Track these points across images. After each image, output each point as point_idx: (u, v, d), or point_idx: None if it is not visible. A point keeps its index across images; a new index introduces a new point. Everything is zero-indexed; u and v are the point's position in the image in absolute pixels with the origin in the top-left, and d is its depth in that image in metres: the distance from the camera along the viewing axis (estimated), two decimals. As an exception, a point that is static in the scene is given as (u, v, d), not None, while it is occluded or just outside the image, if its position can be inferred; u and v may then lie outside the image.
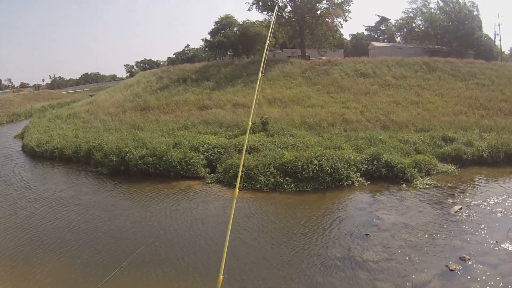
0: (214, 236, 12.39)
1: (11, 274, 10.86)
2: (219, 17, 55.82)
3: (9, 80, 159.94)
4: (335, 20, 48.62)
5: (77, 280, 10.29)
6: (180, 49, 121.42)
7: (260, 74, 5.71)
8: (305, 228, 12.64)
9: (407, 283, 9.02)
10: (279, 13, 49.42)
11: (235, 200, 4.87)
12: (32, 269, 11.04)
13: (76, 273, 10.69)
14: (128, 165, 20.61)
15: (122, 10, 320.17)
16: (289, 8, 49.55)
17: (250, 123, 5.51)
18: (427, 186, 16.01)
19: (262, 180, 16.62)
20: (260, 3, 49.11)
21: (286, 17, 50.21)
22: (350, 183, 16.31)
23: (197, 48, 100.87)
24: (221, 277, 3.99)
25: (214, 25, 55.78)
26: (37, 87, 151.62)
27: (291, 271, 10.03)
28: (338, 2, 48.12)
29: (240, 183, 14.32)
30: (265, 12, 50.54)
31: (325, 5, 48.73)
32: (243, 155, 6.87)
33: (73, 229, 14.07)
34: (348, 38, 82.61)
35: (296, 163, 16.74)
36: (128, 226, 13.93)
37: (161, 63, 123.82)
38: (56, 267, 11.03)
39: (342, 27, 48.80)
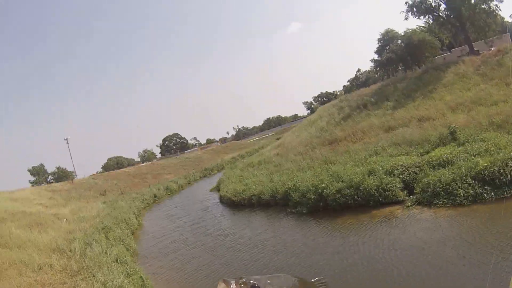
0: (417, 262, 12.34)
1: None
2: (380, 33, 56.59)
3: (195, 138, 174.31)
4: (491, 4, 45.03)
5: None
6: (352, 75, 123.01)
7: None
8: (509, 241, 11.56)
9: None
10: (436, 14, 48.17)
11: None
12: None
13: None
14: (326, 200, 21.31)
15: (288, 49, 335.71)
16: (443, 6, 47.90)
17: None
18: None
19: (461, 194, 16.29)
20: (415, 9, 48.43)
21: (444, 15, 48.62)
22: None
23: (368, 70, 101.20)
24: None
25: (378, 43, 56.57)
26: (223, 140, 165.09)
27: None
28: None
29: (442, 201, 15.41)
30: (422, 17, 49.69)
31: None
32: None
33: (272, 267, 15.24)
34: (510, 20, 73.99)
35: (492, 169, 16.08)
36: (329, 258, 14.64)
37: (338, 93, 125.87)
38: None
39: (500, 9, 44.52)
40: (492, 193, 15.76)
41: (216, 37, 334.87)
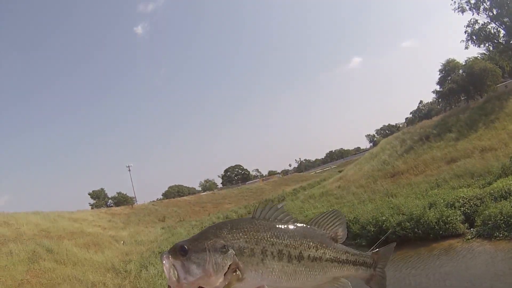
0: None
1: None
2: (441, 64, 56.20)
3: (257, 170, 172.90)
4: None
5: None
6: (415, 107, 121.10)
7: None
8: None
9: None
10: (496, 41, 47.47)
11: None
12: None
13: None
14: (386, 233, 21.25)
15: (349, 82, 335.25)
16: (503, 32, 47.23)
17: None
18: None
19: None
20: (474, 37, 48.10)
21: (503, 42, 47.77)
22: None
23: (430, 102, 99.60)
24: None
25: (440, 74, 56.22)
26: (285, 172, 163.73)
27: None
28: None
29: (502, 234, 15.44)
30: (482, 44, 49.10)
31: None
32: None
33: None
34: None
35: None
36: None
37: (400, 126, 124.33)
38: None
39: None
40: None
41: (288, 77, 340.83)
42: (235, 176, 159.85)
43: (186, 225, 51.06)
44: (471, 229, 18.90)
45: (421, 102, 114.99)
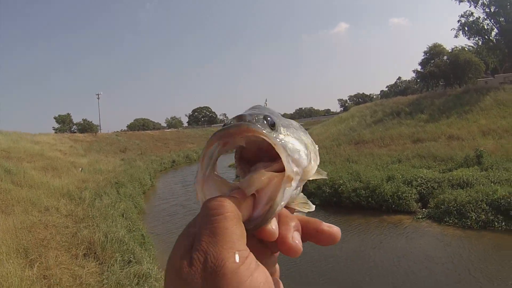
0: (418, 273, 12.60)
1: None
2: (428, 46, 56.11)
3: (224, 114, 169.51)
4: None
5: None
6: (392, 82, 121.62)
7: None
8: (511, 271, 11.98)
9: None
10: (487, 37, 47.56)
11: None
12: None
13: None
14: (341, 197, 21.78)
15: (332, 47, 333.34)
16: (495, 31, 47.18)
17: None
18: None
19: (473, 217, 16.42)
20: (466, 28, 48.03)
21: (494, 40, 47.82)
22: None
23: (409, 80, 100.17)
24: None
25: (424, 55, 56.14)
26: None
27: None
28: None
29: (452, 220, 15.84)
30: (472, 37, 49.13)
31: None
32: None
33: (283, 256, 16.12)
34: None
35: (509, 200, 16.16)
36: (338, 258, 14.49)
37: (374, 97, 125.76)
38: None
39: None
40: (503, 223, 15.91)
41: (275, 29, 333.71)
42: (202, 118, 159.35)
43: (146, 159, 50.45)
44: (423, 209, 19.35)
45: (399, 78, 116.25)
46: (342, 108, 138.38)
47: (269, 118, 0.82)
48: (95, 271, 10.94)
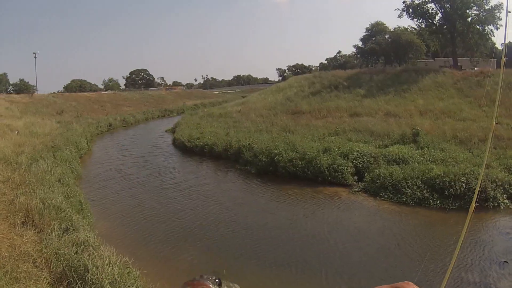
0: (347, 244, 12.72)
1: (154, 257, 12.39)
2: (370, 23, 56.54)
3: (162, 78, 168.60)
4: (486, 27, 45.56)
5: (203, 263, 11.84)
6: (332, 55, 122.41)
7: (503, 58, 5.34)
8: (442, 247, 12.08)
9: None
10: (430, 21, 48.29)
11: (469, 218, 4.83)
12: (174, 254, 12.62)
13: (209, 257, 12.22)
14: (277, 166, 21.45)
15: (273, 16, 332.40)
16: (439, 15, 47.96)
17: (493, 123, 5.35)
18: None
19: (409, 194, 16.37)
20: (411, 10, 48.36)
21: (437, 24, 48.67)
22: (496, 204, 15.12)
23: (349, 55, 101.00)
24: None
25: (366, 32, 56.53)
26: (189, 86, 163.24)
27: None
28: (489, 8, 44.58)
29: (388, 195, 15.52)
30: (415, 19, 49.71)
31: (475, 12, 45.66)
32: (484, 166, 7.34)
33: (220, 223, 15.19)
34: (500, 48, 75.08)
35: (444, 179, 16.16)
36: (271, 227, 14.60)
37: (313, 69, 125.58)
38: (194, 254, 12.51)
39: (493, 35, 45.15)
40: (438, 201, 15.83)
41: None
42: (140, 80, 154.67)
43: (83, 122, 47.98)
44: (359, 183, 19.17)
45: (339, 52, 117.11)
46: (280, 78, 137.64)
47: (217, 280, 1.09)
48: (34, 239, 10.35)
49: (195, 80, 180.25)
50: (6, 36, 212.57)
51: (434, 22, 48.53)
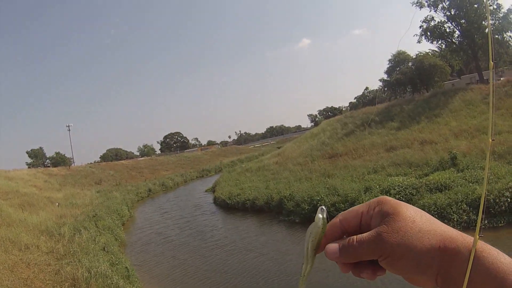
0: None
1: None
2: (392, 54, 56.69)
3: (196, 139, 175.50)
4: (504, 35, 45.09)
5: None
6: (360, 93, 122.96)
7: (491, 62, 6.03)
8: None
9: None
10: (449, 40, 48.39)
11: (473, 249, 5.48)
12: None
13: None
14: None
15: (299, 65, 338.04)
16: (457, 33, 48.05)
17: (490, 140, 5.90)
18: None
19: (455, 219, 16.17)
20: (428, 33, 48.76)
21: (457, 42, 48.70)
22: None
23: (376, 89, 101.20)
24: None
25: (389, 64, 56.67)
26: (224, 143, 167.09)
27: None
28: (503, 15, 44.28)
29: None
30: (435, 41, 49.95)
31: (491, 22, 45.27)
32: (485, 187, 7.60)
33: (269, 273, 15.56)
34: None
35: (488, 197, 15.83)
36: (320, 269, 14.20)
37: (343, 109, 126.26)
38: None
39: None
40: (486, 221, 15.54)
41: (223, 44, 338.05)
42: (174, 144, 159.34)
43: (122, 190, 49.76)
44: None
45: (367, 88, 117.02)
46: (312, 123, 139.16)
47: None
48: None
49: (229, 137, 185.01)
50: (40, 110, 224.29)
51: (453, 40, 48.57)
